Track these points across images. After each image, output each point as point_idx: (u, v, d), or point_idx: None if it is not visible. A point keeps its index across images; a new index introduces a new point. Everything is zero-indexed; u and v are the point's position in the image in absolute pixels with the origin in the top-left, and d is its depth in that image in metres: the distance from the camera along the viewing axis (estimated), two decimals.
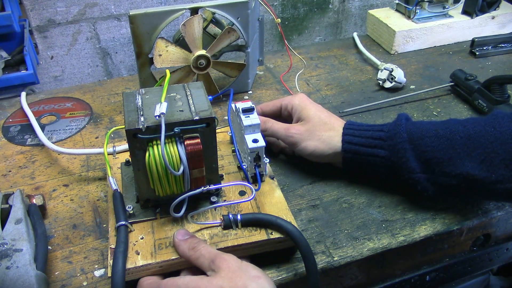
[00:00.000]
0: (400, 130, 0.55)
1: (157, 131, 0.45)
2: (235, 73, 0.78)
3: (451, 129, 0.53)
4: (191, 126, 0.47)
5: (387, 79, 0.83)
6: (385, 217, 0.57)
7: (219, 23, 0.76)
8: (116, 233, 0.48)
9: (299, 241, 0.47)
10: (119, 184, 0.55)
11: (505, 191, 0.50)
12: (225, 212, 0.52)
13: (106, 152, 0.57)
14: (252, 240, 0.48)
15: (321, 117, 0.60)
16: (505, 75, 0.75)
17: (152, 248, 0.48)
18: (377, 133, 0.57)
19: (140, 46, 0.71)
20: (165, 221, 0.51)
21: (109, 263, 0.46)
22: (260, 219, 0.50)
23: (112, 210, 0.52)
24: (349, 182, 0.62)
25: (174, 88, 0.53)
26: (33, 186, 0.62)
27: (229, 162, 0.60)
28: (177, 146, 0.46)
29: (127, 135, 0.46)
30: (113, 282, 0.44)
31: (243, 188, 0.55)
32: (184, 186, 0.49)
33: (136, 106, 0.49)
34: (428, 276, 0.60)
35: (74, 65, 0.99)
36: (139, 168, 0.48)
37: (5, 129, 0.74)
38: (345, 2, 1.15)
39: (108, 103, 0.81)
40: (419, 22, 0.96)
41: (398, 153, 0.54)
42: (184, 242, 0.47)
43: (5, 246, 0.46)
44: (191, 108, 0.49)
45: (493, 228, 0.60)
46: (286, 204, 0.53)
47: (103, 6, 0.94)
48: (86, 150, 0.66)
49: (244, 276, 0.42)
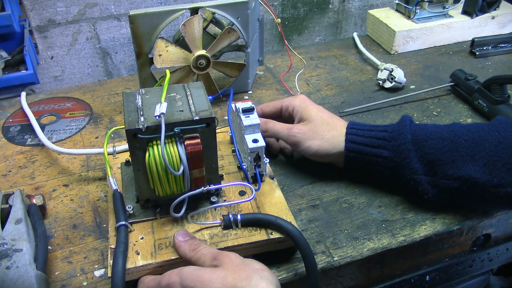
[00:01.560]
0: (404, 131, 0.55)
1: (157, 131, 0.45)
2: (235, 73, 0.78)
3: (455, 132, 0.53)
4: (191, 126, 0.47)
5: (387, 79, 0.83)
6: (385, 217, 0.57)
7: (219, 23, 0.76)
8: (116, 233, 0.48)
9: (299, 241, 0.47)
10: (119, 184, 0.55)
11: (507, 195, 0.50)
12: (225, 212, 0.52)
13: (106, 152, 0.57)
14: (252, 240, 0.49)
15: (323, 117, 0.60)
16: (505, 75, 0.75)
17: (152, 248, 0.48)
18: (380, 133, 0.57)
19: (140, 46, 0.71)
20: (165, 221, 0.51)
21: (109, 263, 0.46)
22: (260, 219, 0.50)
23: (112, 210, 0.52)
24: (349, 182, 0.62)
25: (174, 88, 0.53)
26: (33, 186, 0.62)
27: (229, 162, 0.60)
28: (177, 146, 0.46)
29: (127, 135, 0.46)
30: (113, 282, 0.44)
31: (243, 188, 0.55)
32: (184, 186, 0.49)
33: (136, 106, 0.49)
34: (428, 276, 0.60)
35: (74, 65, 0.99)
36: (139, 168, 0.48)
37: (5, 129, 0.74)
38: (345, 2, 1.15)
39: (108, 103, 0.81)
40: (419, 22, 0.96)
41: (402, 153, 0.54)
42: (184, 243, 0.47)
43: (5, 246, 0.46)
44: (191, 108, 0.49)
45: (493, 228, 0.60)
46: (286, 204, 0.53)
47: (103, 6, 0.94)
48: (86, 150, 0.66)
49: (248, 269, 0.42)
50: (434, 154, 0.53)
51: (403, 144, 0.55)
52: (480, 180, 0.50)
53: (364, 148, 0.57)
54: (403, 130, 0.55)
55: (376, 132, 0.57)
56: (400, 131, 0.56)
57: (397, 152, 0.55)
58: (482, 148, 0.51)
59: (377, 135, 0.57)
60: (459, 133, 0.53)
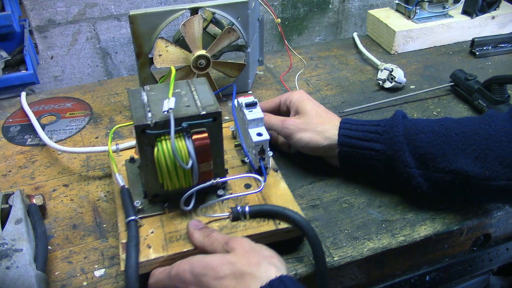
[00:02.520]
0: (396, 124, 0.55)
1: (165, 126, 0.46)
2: (235, 73, 0.78)
3: (447, 126, 0.54)
4: (199, 121, 0.48)
5: (387, 79, 0.83)
6: (385, 217, 0.57)
7: (219, 23, 0.76)
8: (127, 228, 0.49)
9: (306, 230, 0.48)
10: (125, 181, 0.56)
11: (498, 188, 0.50)
12: (232, 205, 0.53)
13: (110, 150, 0.58)
14: (260, 231, 0.50)
15: (318, 111, 0.61)
16: (505, 75, 0.75)
17: (163, 242, 0.49)
18: (373, 128, 0.57)
19: (140, 46, 0.71)
20: (173, 215, 0.52)
21: (122, 258, 0.46)
22: (268, 210, 0.51)
23: (120, 206, 0.52)
24: (349, 182, 0.62)
25: (179, 84, 0.53)
26: (33, 186, 0.62)
27: (232, 156, 0.61)
28: (185, 140, 0.47)
29: (136, 131, 0.47)
30: (127, 275, 0.44)
31: (249, 181, 0.56)
32: (193, 180, 0.49)
33: (143, 103, 0.50)
34: (428, 276, 0.60)
35: (74, 65, 0.99)
36: (147, 163, 0.49)
37: (5, 129, 0.74)
38: (345, 2, 1.15)
39: (108, 103, 0.81)
40: (419, 22, 0.96)
41: (394, 146, 0.55)
42: (198, 231, 0.48)
43: (5, 246, 0.46)
44: (197, 103, 0.50)
45: (493, 228, 0.60)
46: (291, 195, 0.54)
47: (103, 6, 0.94)
48: (90, 149, 0.66)
49: (257, 255, 0.43)
50: (425, 148, 0.53)
51: (395, 137, 0.55)
52: (471, 173, 0.50)
53: (357, 142, 0.57)
54: (396, 123, 0.56)
55: (369, 126, 0.58)
56: (393, 124, 0.56)
57: (390, 145, 0.55)
58: (473, 141, 0.51)
59: (370, 129, 0.57)
60: (450, 127, 0.53)
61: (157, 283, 0.46)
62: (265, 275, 0.41)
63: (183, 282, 0.43)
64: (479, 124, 0.52)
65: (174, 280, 0.44)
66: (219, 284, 0.41)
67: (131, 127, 0.46)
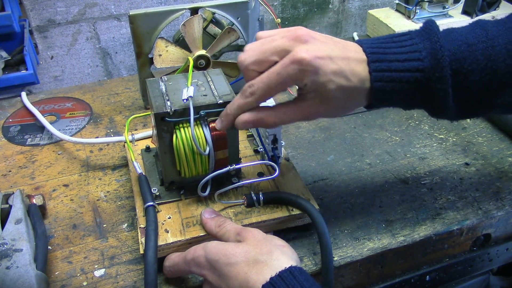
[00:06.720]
0: (442, 61, 0.44)
1: (184, 114, 0.49)
2: (235, 73, 0.78)
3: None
4: (216, 109, 0.50)
5: None
6: (385, 217, 0.57)
7: (219, 23, 0.76)
8: (145, 213, 0.50)
9: (316, 219, 0.50)
10: (142, 169, 0.57)
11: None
12: (246, 192, 0.54)
13: (127, 139, 0.60)
14: (274, 217, 0.52)
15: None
16: None
17: (181, 226, 0.50)
18: (412, 63, 0.45)
19: (140, 46, 0.71)
20: (190, 201, 0.53)
21: (141, 241, 0.48)
22: (281, 198, 0.53)
23: (137, 193, 0.54)
24: (349, 182, 0.62)
25: (195, 75, 0.55)
26: (33, 186, 0.62)
27: (245, 146, 0.62)
28: (202, 128, 0.49)
29: (155, 118, 0.49)
30: (146, 257, 0.46)
31: (261, 170, 0.58)
32: (209, 166, 0.51)
33: (161, 92, 0.52)
34: (428, 276, 0.60)
35: (74, 65, 0.99)
36: (165, 150, 0.51)
37: (5, 129, 0.74)
38: (345, 2, 1.15)
39: (108, 103, 0.81)
40: (419, 22, 0.96)
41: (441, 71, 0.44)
42: (211, 220, 0.49)
43: (5, 246, 0.46)
44: (214, 92, 0.52)
45: (493, 228, 0.60)
46: (303, 183, 0.56)
47: (103, 6, 0.94)
48: (106, 139, 0.68)
49: (269, 244, 0.44)
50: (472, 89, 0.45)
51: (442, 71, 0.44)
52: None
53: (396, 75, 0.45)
54: (440, 55, 0.44)
55: (407, 56, 0.45)
56: (437, 56, 0.44)
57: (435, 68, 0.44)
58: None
59: (408, 66, 0.45)
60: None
61: (173, 266, 0.47)
62: (277, 264, 0.41)
63: (198, 267, 0.45)
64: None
65: (190, 264, 0.45)
66: (231, 270, 0.42)
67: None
